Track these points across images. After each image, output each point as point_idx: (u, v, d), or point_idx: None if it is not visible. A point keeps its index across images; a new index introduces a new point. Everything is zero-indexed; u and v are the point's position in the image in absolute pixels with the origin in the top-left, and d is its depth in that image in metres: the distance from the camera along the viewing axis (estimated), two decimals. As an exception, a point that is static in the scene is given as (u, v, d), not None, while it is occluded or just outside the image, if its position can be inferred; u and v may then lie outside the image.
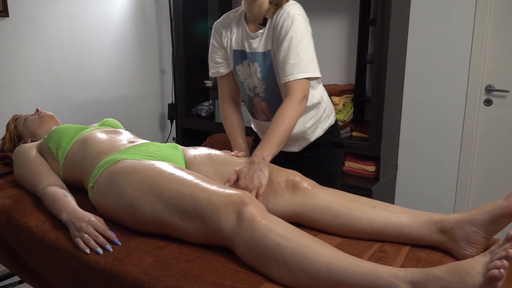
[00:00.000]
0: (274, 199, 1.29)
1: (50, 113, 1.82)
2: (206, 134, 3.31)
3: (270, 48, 1.50)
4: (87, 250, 1.13)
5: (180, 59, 3.37)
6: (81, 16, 2.91)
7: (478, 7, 2.53)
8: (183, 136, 3.51)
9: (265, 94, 1.58)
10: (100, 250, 1.12)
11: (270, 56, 1.51)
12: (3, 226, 1.41)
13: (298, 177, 1.32)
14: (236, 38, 1.58)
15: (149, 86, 3.52)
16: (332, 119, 1.71)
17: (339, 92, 2.76)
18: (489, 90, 2.61)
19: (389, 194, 2.91)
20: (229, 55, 1.63)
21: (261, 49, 1.52)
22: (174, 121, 3.53)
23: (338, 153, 1.74)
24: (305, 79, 1.43)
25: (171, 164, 1.28)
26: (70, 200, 1.31)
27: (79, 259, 1.13)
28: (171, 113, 3.51)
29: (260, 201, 1.15)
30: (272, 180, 1.31)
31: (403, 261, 1.08)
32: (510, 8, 2.49)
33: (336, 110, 2.60)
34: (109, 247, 1.13)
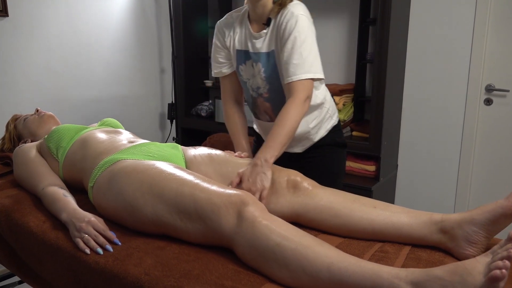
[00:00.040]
0: (275, 199, 1.29)
1: (50, 113, 1.82)
2: (206, 134, 3.30)
3: (274, 48, 1.49)
4: (87, 250, 1.13)
5: (180, 59, 3.37)
6: (81, 15, 2.90)
7: (478, 7, 2.52)
8: (183, 136, 3.50)
9: (268, 94, 1.57)
10: (100, 250, 1.12)
11: (274, 56, 1.50)
12: (3, 226, 1.41)
13: (299, 177, 1.32)
14: (239, 38, 1.57)
15: (149, 86, 3.52)
16: (335, 119, 1.71)
17: (339, 91, 2.76)
18: (489, 89, 2.61)
19: (389, 194, 2.91)
20: (232, 55, 1.61)
21: (264, 49, 1.51)
22: (174, 121, 3.53)
23: (341, 153, 1.73)
24: (308, 80, 1.41)
25: (171, 164, 1.28)
26: (70, 200, 1.31)
27: (79, 259, 1.13)
28: (171, 112, 3.51)
29: (263, 203, 1.14)
30: (273, 180, 1.31)
31: (404, 261, 1.07)
32: (510, 7, 2.48)
33: (336, 110, 2.60)
34: (109, 247, 1.13)
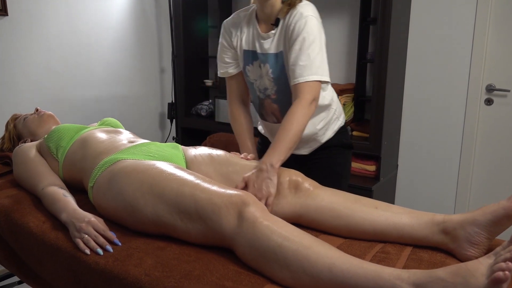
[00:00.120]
0: (277, 200, 1.28)
1: (50, 112, 1.81)
2: (206, 134, 3.30)
3: (282, 49, 1.46)
4: (87, 251, 1.12)
5: (180, 58, 3.37)
6: (80, 15, 2.90)
7: (479, 6, 2.52)
8: (183, 135, 3.50)
9: (276, 96, 1.55)
10: (100, 251, 1.12)
11: (282, 57, 1.47)
12: (3, 226, 1.40)
13: (300, 177, 1.31)
14: (246, 38, 1.54)
15: (149, 85, 3.51)
16: (341, 121, 1.69)
17: (340, 91, 2.75)
18: (489, 89, 2.60)
19: (389, 193, 2.91)
20: (239, 55, 1.59)
21: (273, 50, 1.48)
22: (174, 120, 3.53)
23: (347, 154, 1.72)
24: (315, 82, 1.39)
25: (172, 164, 1.27)
26: (70, 200, 1.30)
27: (79, 260, 1.13)
28: (171, 112, 3.50)
29: (269, 210, 1.13)
30: None
31: (406, 262, 1.07)
32: (510, 7, 2.48)
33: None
34: (109, 248, 1.12)
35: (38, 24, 2.66)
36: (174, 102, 3.49)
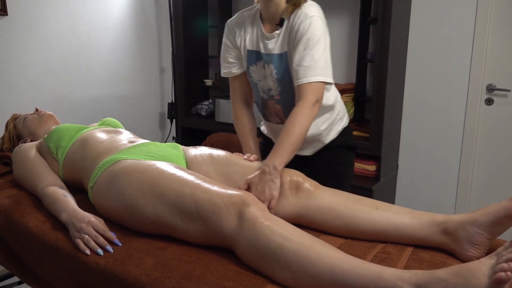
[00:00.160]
0: (278, 201, 1.27)
1: (50, 112, 1.81)
2: (206, 133, 3.30)
3: (287, 50, 1.45)
4: (87, 251, 1.12)
5: (180, 58, 3.36)
6: (80, 15, 2.89)
7: (479, 6, 2.52)
8: (183, 135, 3.50)
9: (280, 96, 1.54)
10: (100, 251, 1.11)
11: (286, 58, 1.46)
12: (3, 226, 1.40)
13: (301, 177, 1.31)
14: (250, 38, 1.53)
15: (148, 85, 3.51)
16: (345, 121, 1.68)
17: (340, 91, 2.70)
18: (490, 89, 2.60)
19: (389, 193, 2.91)
20: (242, 55, 1.58)
21: (277, 50, 1.47)
22: (174, 120, 3.52)
23: (350, 156, 1.71)
24: (319, 83, 1.37)
25: (172, 164, 1.27)
26: (70, 200, 1.30)
27: (79, 260, 1.12)
28: (171, 112, 3.50)
29: (272, 213, 1.12)
30: None
31: (406, 262, 1.07)
32: (511, 6, 2.48)
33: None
34: (109, 248, 1.12)
35: (38, 24, 2.65)
36: (174, 102, 3.49)
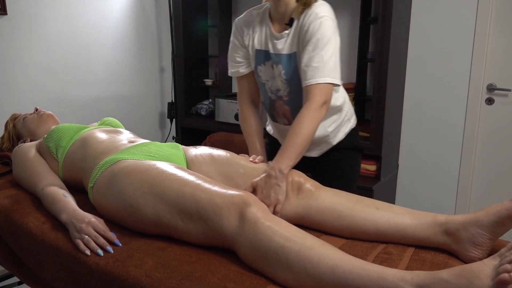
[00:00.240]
0: None
1: (49, 112, 1.80)
2: (206, 133, 3.29)
3: (296, 50, 1.43)
4: (88, 252, 1.11)
5: (180, 58, 3.36)
6: (80, 14, 2.89)
7: (480, 5, 2.51)
8: (183, 135, 3.49)
9: (288, 97, 1.52)
10: (100, 252, 1.11)
11: (295, 58, 1.44)
12: (2, 226, 1.39)
13: (302, 178, 1.30)
14: (259, 37, 1.51)
15: (148, 85, 3.50)
16: (353, 122, 1.67)
17: (340, 91, 2.74)
18: (490, 89, 2.60)
19: (390, 193, 2.90)
20: (250, 55, 1.56)
21: (286, 50, 1.45)
22: (174, 120, 3.52)
23: (357, 157, 1.69)
24: (327, 84, 1.35)
25: (172, 164, 1.26)
26: (70, 200, 1.30)
27: (79, 261, 1.12)
28: (171, 112, 3.49)
29: (277, 217, 1.10)
30: None
31: (408, 262, 1.06)
32: (511, 6, 2.48)
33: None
34: (109, 249, 1.12)
35: (37, 23, 2.64)
36: (174, 101, 3.48)
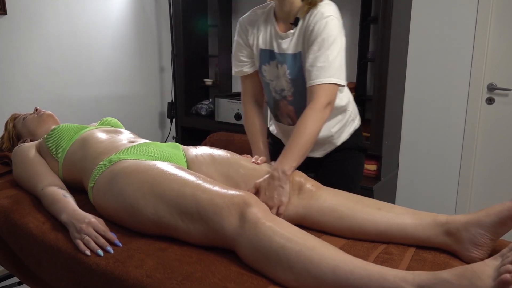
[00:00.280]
0: None
1: (49, 112, 1.80)
2: (206, 133, 3.29)
3: (301, 50, 1.42)
4: (88, 252, 1.11)
5: (179, 57, 3.35)
6: (80, 14, 2.88)
7: (480, 5, 2.51)
8: (183, 135, 3.49)
9: (293, 97, 1.51)
10: (100, 252, 1.11)
11: (300, 58, 1.43)
12: (2, 226, 1.39)
13: (303, 178, 1.30)
14: (263, 37, 1.50)
15: (148, 85, 3.50)
16: (357, 122, 1.66)
17: (340, 90, 2.74)
18: (491, 88, 2.59)
19: (390, 193, 2.90)
20: (255, 54, 1.54)
21: (291, 50, 1.44)
22: (174, 119, 3.52)
23: (361, 158, 1.68)
24: (332, 85, 1.34)
25: (173, 164, 1.26)
26: (70, 200, 1.29)
27: (79, 261, 1.12)
28: (171, 111, 3.49)
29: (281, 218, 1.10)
30: None
31: (409, 263, 1.06)
32: (512, 6, 2.47)
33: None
34: (110, 249, 1.11)
35: (37, 23, 2.64)
36: (174, 101, 3.48)
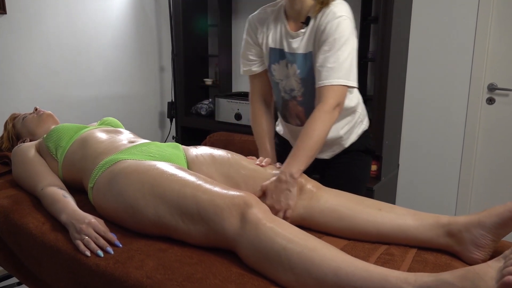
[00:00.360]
0: None
1: (49, 112, 1.80)
2: (206, 133, 3.29)
3: (312, 49, 1.40)
4: (88, 253, 1.11)
5: (179, 57, 3.35)
6: (79, 13, 2.88)
7: (481, 5, 2.50)
8: (183, 134, 3.48)
9: (303, 98, 1.49)
10: (100, 253, 1.10)
11: (311, 58, 1.41)
12: (2, 227, 1.39)
13: (303, 178, 1.30)
14: (273, 36, 1.47)
15: (148, 85, 3.49)
16: (365, 124, 1.64)
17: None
18: (491, 88, 2.59)
19: (390, 193, 2.90)
20: (264, 53, 1.52)
21: (301, 50, 1.42)
22: (173, 119, 3.51)
23: (368, 160, 1.67)
24: (341, 86, 1.31)
25: (173, 164, 1.25)
26: (70, 201, 1.29)
27: (79, 262, 1.11)
28: (171, 111, 3.49)
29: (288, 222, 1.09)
30: None
31: (410, 264, 1.06)
32: (513, 6, 2.47)
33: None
34: (110, 250, 1.11)
35: (37, 22, 2.63)
36: (174, 101, 3.47)
